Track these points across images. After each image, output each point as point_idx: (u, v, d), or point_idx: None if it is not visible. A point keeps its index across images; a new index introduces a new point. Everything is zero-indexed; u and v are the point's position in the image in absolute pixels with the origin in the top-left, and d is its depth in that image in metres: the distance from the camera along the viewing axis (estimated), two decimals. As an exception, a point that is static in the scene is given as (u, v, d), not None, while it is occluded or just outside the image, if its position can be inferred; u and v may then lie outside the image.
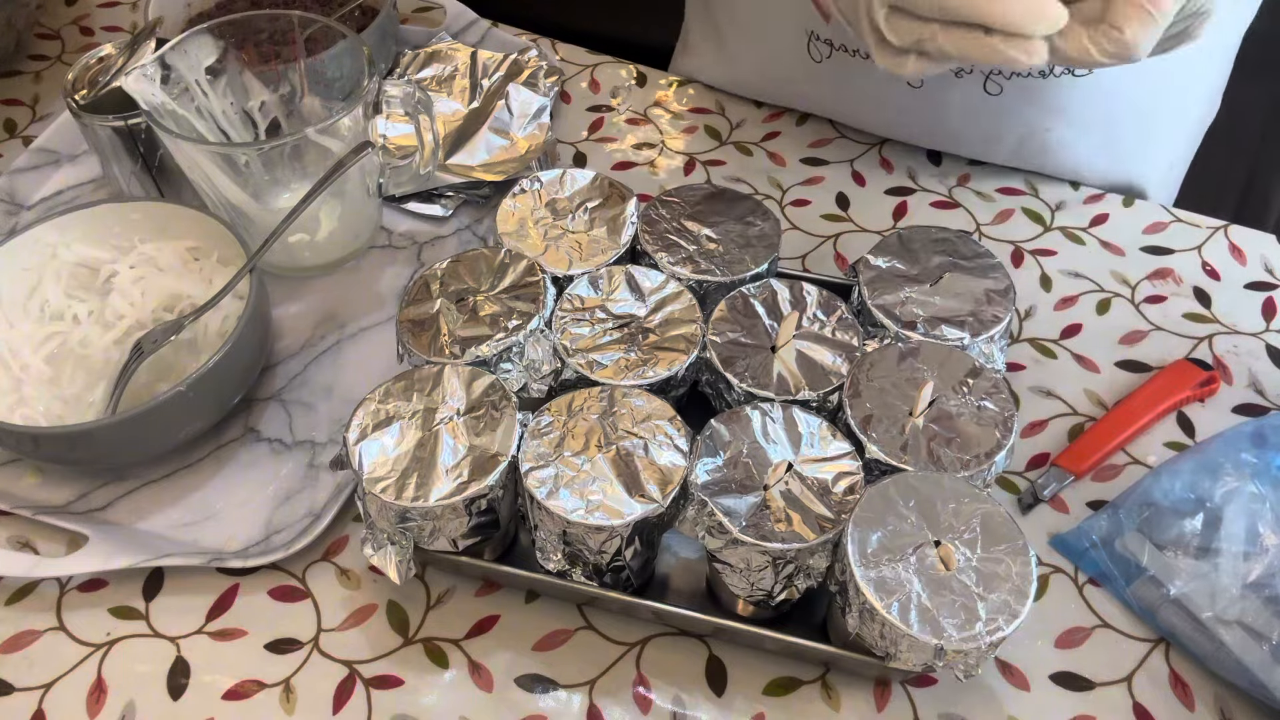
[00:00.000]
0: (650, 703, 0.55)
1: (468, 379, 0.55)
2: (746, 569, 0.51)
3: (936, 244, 0.63)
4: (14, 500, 0.62)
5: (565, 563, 0.53)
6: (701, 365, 0.58)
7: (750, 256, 0.62)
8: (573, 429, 0.53)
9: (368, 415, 0.54)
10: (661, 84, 0.88)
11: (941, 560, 0.48)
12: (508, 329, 0.57)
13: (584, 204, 0.65)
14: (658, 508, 0.50)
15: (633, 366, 0.56)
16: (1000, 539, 0.49)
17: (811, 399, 0.55)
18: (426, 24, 0.90)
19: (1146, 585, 0.56)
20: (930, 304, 0.59)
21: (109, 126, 0.69)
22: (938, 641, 0.46)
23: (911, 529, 0.49)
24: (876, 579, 0.47)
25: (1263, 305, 0.71)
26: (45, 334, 0.65)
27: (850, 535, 0.49)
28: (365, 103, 0.67)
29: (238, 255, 0.65)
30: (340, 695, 0.55)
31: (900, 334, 0.58)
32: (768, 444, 0.52)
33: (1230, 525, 0.55)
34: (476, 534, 0.53)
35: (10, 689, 0.55)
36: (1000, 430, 0.53)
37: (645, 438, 0.53)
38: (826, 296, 0.59)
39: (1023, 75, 0.72)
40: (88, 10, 0.96)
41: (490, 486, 0.51)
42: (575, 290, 0.60)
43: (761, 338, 0.58)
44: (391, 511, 0.51)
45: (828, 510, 0.50)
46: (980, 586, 0.47)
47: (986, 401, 0.54)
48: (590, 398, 0.54)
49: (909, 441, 0.53)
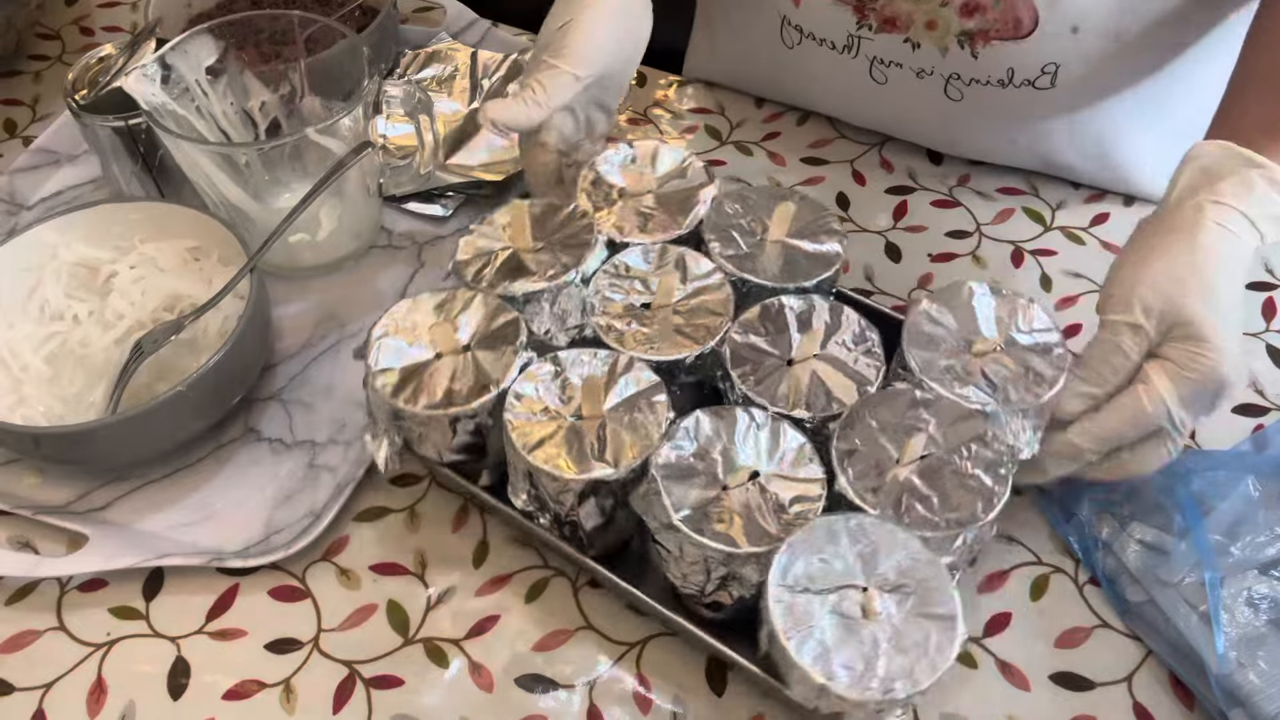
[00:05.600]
0: (650, 703, 0.55)
1: (493, 310, 0.58)
2: (680, 558, 0.51)
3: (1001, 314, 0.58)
4: (14, 500, 0.62)
5: (532, 504, 0.55)
6: (715, 359, 0.58)
7: (804, 270, 0.61)
8: (569, 382, 0.55)
9: (397, 318, 0.58)
10: (661, 84, 0.88)
11: (862, 607, 0.47)
12: (546, 275, 0.59)
13: (667, 179, 0.66)
14: (612, 474, 0.51)
15: (647, 341, 0.57)
16: (933, 606, 0.47)
17: (806, 419, 0.54)
18: (426, 24, 0.90)
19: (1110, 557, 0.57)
20: (970, 364, 0.56)
21: (109, 126, 0.69)
22: (823, 682, 0.45)
23: (844, 568, 0.48)
24: (789, 604, 0.47)
25: (1263, 305, 0.71)
26: (45, 334, 0.65)
27: (780, 556, 0.48)
28: (365, 103, 0.67)
29: (238, 255, 0.65)
30: (340, 695, 0.55)
31: (923, 381, 0.55)
32: (743, 448, 0.52)
33: (1219, 516, 0.56)
34: (462, 452, 0.56)
35: (10, 689, 0.55)
36: (982, 504, 0.50)
37: (630, 409, 0.54)
38: (864, 326, 0.58)
39: (982, 83, 0.72)
40: (88, 10, 0.96)
41: (475, 410, 0.54)
42: (624, 257, 0.61)
43: (783, 348, 0.57)
44: (387, 407, 0.55)
45: (773, 526, 0.50)
46: (891, 645, 0.46)
47: (983, 472, 0.51)
48: (596, 358, 0.56)
49: (884, 486, 0.51)
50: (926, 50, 0.71)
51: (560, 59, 0.62)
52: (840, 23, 0.73)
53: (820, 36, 0.75)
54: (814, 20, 0.74)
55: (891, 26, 0.71)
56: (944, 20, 0.69)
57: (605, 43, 0.64)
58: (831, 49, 0.75)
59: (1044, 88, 0.71)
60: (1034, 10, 0.67)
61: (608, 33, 0.64)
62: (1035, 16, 0.67)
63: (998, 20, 0.68)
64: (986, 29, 0.68)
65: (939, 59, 0.71)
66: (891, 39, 0.72)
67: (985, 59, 0.70)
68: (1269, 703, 0.51)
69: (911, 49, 0.72)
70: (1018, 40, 0.68)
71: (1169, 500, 0.56)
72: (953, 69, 0.72)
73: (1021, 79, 0.71)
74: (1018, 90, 0.71)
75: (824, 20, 0.74)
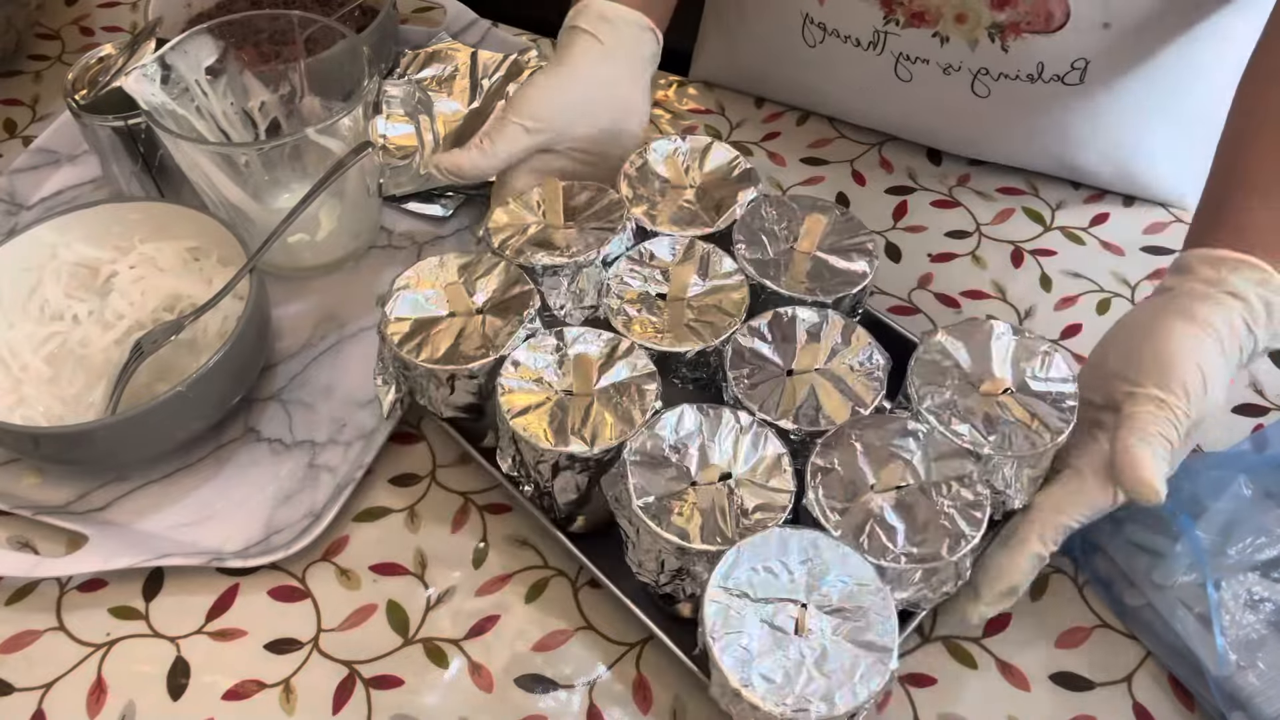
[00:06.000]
0: (650, 703, 0.55)
1: (512, 279, 0.60)
2: (637, 544, 0.52)
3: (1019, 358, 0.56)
4: (14, 500, 0.61)
5: (516, 470, 0.56)
6: (716, 358, 0.58)
7: (826, 284, 0.60)
8: (567, 358, 0.56)
9: (421, 271, 0.60)
10: (661, 84, 0.88)
11: (795, 621, 0.47)
12: (569, 252, 0.60)
13: (711, 177, 0.66)
14: (586, 451, 0.52)
15: (653, 330, 0.58)
16: (870, 634, 0.46)
17: (792, 431, 0.54)
18: (426, 24, 0.90)
19: (1105, 560, 0.57)
20: (974, 403, 0.54)
21: (109, 126, 0.69)
22: (738, 687, 0.45)
23: (788, 582, 0.48)
24: (723, 605, 0.47)
25: (1263, 305, 0.71)
26: (45, 334, 0.65)
27: (726, 557, 0.48)
28: (365, 103, 0.67)
29: (238, 255, 0.65)
30: (340, 695, 0.55)
31: (919, 412, 0.54)
32: (722, 448, 0.52)
33: (1212, 516, 0.55)
34: (464, 411, 0.59)
35: (10, 689, 0.55)
36: (949, 545, 0.49)
37: (620, 392, 0.55)
38: (874, 349, 0.57)
39: (1011, 77, 0.72)
40: (88, 10, 0.96)
41: (474, 371, 0.56)
42: (651, 245, 0.61)
43: (786, 357, 0.57)
44: (394, 357, 0.58)
45: (730, 529, 0.50)
46: (817, 664, 0.45)
47: (957, 514, 0.50)
48: (600, 339, 0.57)
49: (852, 509, 0.50)
50: (955, 44, 0.71)
51: (510, 111, 0.64)
52: (867, 18, 0.73)
53: (845, 33, 0.75)
54: (839, 16, 0.74)
55: (920, 21, 0.71)
56: (974, 13, 0.69)
57: (564, 99, 0.65)
58: (856, 45, 0.75)
59: (1073, 83, 0.71)
60: (1065, 3, 0.67)
61: (565, 90, 0.66)
62: (1067, 10, 0.67)
63: (1029, 13, 0.68)
64: (1018, 21, 0.68)
65: (967, 53, 0.71)
66: (919, 34, 0.72)
67: (1015, 52, 0.70)
68: (1269, 705, 0.51)
69: (940, 43, 0.72)
70: (1049, 34, 0.68)
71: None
72: (981, 63, 0.72)
73: (1051, 74, 0.71)
74: (1046, 85, 0.72)
75: (850, 16, 0.74)
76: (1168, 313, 0.53)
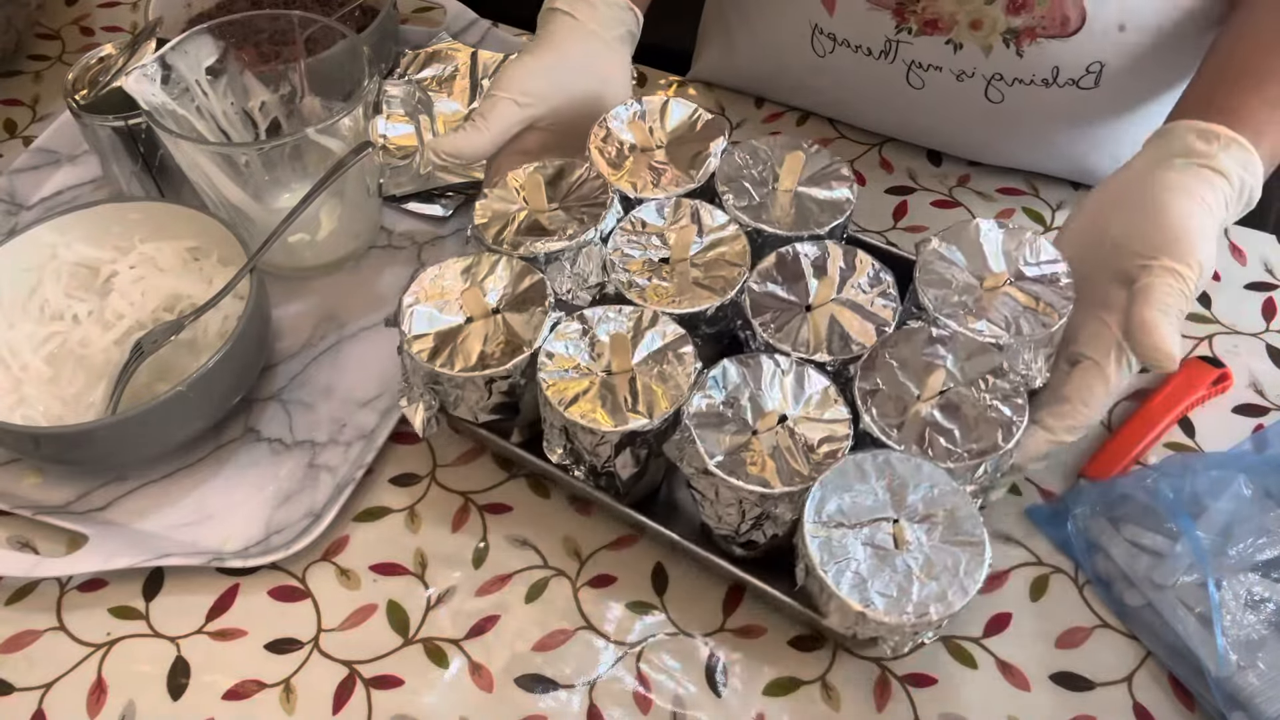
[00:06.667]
0: (650, 703, 0.55)
1: (519, 272, 0.59)
2: (715, 500, 0.52)
3: (1008, 248, 0.59)
4: (14, 500, 0.62)
5: (568, 458, 0.56)
6: (735, 310, 0.59)
7: (816, 217, 0.62)
8: (597, 339, 0.56)
9: (425, 284, 0.59)
10: (661, 84, 0.88)
11: (893, 537, 0.49)
12: (566, 234, 0.60)
13: (676, 134, 0.67)
14: (646, 424, 0.53)
15: (669, 295, 0.58)
16: (961, 533, 0.49)
17: (828, 362, 0.56)
18: (426, 24, 0.90)
19: (1105, 560, 0.57)
20: (982, 299, 0.57)
21: (109, 126, 0.69)
22: (860, 609, 0.47)
23: (875, 503, 0.50)
24: (824, 539, 0.49)
25: (1263, 305, 0.71)
26: (45, 334, 0.65)
27: (813, 493, 0.50)
28: (365, 103, 0.67)
29: (238, 255, 0.65)
30: (340, 695, 0.55)
31: (938, 318, 0.56)
32: (770, 393, 0.54)
33: (1212, 516, 0.55)
34: (496, 412, 0.58)
35: (10, 689, 0.55)
36: (1002, 433, 0.52)
37: (658, 361, 0.55)
38: (878, 269, 0.59)
39: (1025, 83, 0.72)
40: (88, 10, 0.96)
41: (510, 371, 0.56)
42: (640, 214, 0.62)
43: (800, 295, 0.58)
44: (424, 371, 0.57)
45: (804, 466, 0.51)
46: (923, 572, 0.48)
47: (1001, 404, 0.53)
48: (621, 314, 0.57)
49: (906, 423, 0.53)
50: (969, 51, 0.71)
51: (499, 88, 0.64)
52: (878, 28, 0.72)
53: (855, 43, 0.74)
54: (849, 27, 0.74)
55: (933, 29, 0.71)
56: (989, 18, 0.69)
57: (549, 74, 0.66)
58: (867, 55, 0.74)
59: (1088, 88, 0.71)
60: (1082, 7, 0.67)
61: (550, 67, 0.66)
62: (1083, 13, 0.67)
63: (1044, 17, 0.68)
64: (1033, 26, 0.68)
65: (982, 59, 0.71)
66: (932, 41, 0.71)
67: (1030, 57, 0.70)
68: (1269, 705, 0.51)
69: (953, 50, 0.71)
70: (1064, 38, 0.68)
71: (1159, 502, 0.56)
72: (996, 69, 0.71)
73: (1066, 78, 0.70)
74: (1061, 90, 0.71)
75: (860, 26, 0.73)
76: (1170, 187, 0.55)
